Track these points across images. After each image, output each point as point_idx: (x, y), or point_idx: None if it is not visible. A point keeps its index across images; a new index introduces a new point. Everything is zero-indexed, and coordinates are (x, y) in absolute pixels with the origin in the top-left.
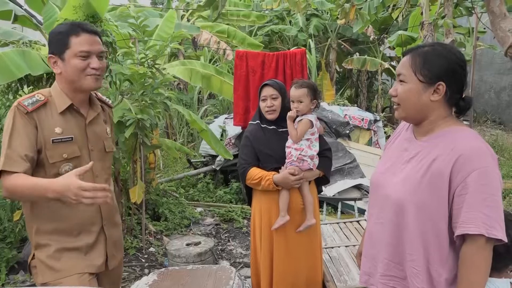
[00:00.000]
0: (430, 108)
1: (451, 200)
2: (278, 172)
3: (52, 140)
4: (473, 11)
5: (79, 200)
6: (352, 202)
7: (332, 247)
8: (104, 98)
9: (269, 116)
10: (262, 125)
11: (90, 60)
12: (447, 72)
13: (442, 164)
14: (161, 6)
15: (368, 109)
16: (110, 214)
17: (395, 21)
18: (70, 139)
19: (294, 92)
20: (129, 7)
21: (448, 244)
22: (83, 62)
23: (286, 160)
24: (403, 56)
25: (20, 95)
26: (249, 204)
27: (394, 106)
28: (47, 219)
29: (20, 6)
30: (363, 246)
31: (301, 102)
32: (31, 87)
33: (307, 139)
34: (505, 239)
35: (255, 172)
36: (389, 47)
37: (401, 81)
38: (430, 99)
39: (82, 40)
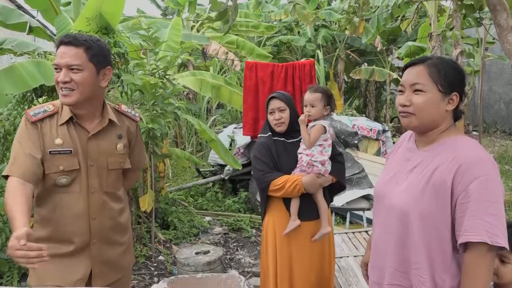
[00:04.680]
0: (444, 117)
1: (453, 208)
2: None
3: (50, 151)
4: (481, 22)
5: (14, 258)
6: (360, 212)
7: (341, 257)
8: (128, 111)
9: (278, 129)
10: (274, 138)
11: (60, 73)
12: (459, 83)
13: (444, 173)
14: (171, 17)
15: (376, 119)
16: (103, 232)
17: (404, 32)
18: (69, 151)
19: (309, 96)
20: (140, 19)
21: (451, 251)
22: (56, 75)
23: (297, 165)
24: (407, 67)
25: (35, 105)
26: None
27: (403, 115)
28: (39, 223)
29: (33, 17)
30: (368, 256)
31: (313, 106)
32: (45, 97)
33: (320, 145)
34: (507, 247)
35: (278, 178)
36: (398, 57)
37: (417, 90)
38: (446, 109)
39: (57, 53)
